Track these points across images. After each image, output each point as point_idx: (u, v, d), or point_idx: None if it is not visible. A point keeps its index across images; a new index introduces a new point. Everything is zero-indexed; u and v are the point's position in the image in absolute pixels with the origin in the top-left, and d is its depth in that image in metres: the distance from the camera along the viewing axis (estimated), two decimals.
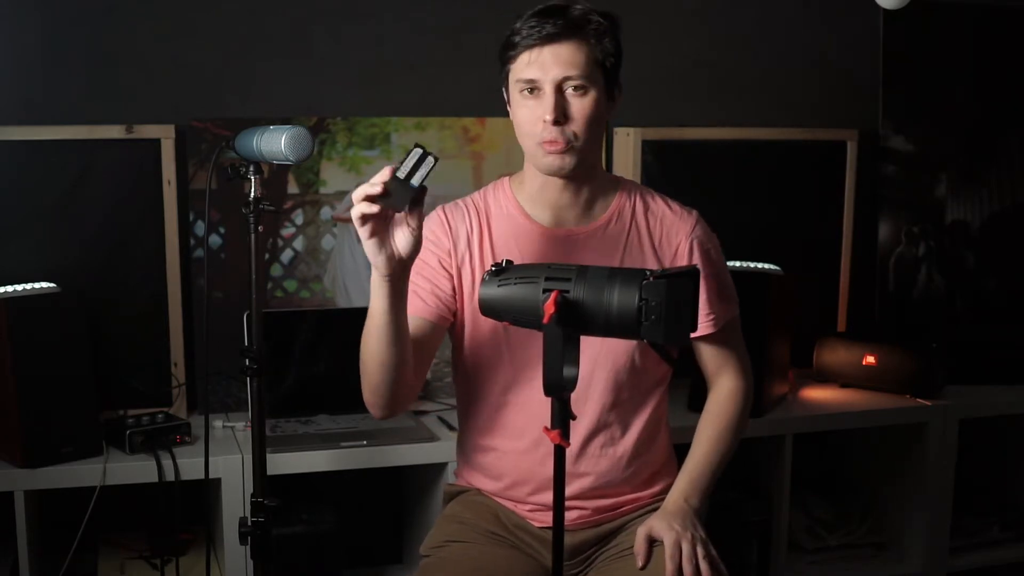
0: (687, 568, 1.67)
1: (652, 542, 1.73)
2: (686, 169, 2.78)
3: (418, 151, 1.52)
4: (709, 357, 1.91)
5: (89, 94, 2.43)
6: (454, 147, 2.63)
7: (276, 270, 2.56)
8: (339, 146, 2.56)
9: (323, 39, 2.59)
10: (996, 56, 3.00)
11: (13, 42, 2.36)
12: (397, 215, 1.55)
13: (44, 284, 2.17)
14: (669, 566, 1.67)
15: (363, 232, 1.53)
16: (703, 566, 1.68)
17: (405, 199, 1.53)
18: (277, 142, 1.66)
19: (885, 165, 2.97)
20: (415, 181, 1.52)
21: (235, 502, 2.17)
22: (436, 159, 1.53)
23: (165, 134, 2.38)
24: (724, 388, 1.91)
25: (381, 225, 1.54)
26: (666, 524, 1.72)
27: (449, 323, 1.84)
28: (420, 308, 1.78)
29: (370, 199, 1.50)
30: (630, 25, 2.58)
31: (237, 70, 2.53)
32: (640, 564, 1.71)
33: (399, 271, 1.58)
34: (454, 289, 1.82)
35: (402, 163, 1.52)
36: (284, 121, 1.87)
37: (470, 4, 2.64)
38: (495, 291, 1.51)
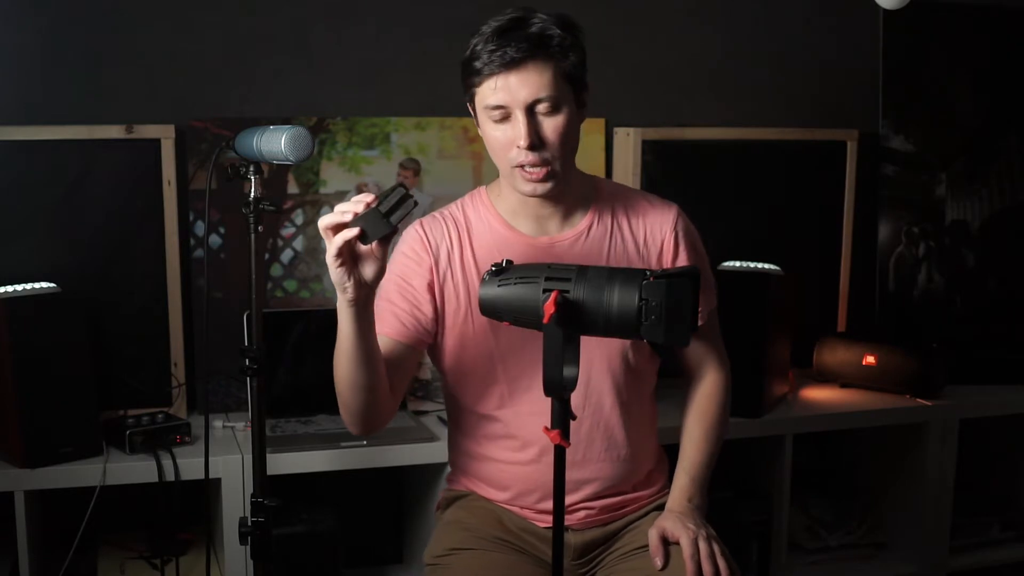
0: (707, 566, 1.68)
1: (666, 542, 1.73)
2: (686, 169, 2.78)
3: (401, 190, 1.50)
4: (693, 349, 1.91)
5: (89, 94, 2.43)
6: (454, 147, 2.63)
7: (276, 270, 2.56)
8: (339, 146, 2.56)
9: (323, 39, 2.59)
10: (996, 56, 3.00)
11: (13, 42, 2.36)
12: (364, 247, 1.53)
13: (44, 284, 2.17)
14: (690, 565, 1.67)
15: (335, 261, 1.52)
16: (721, 563, 1.69)
17: (378, 234, 1.51)
18: (277, 142, 1.66)
19: (885, 165, 2.97)
20: (394, 220, 1.50)
21: (235, 502, 2.17)
22: (416, 203, 1.52)
23: (165, 134, 2.38)
24: (708, 381, 1.91)
25: (350, 254, 1.53)
26: (680, 524, 1.73)
27: (427, 345, 1.83)
28: (398, 331, 1.77)
29: (345, 227, 1.50)
30: (630, 25, 2.58)
31: (237, 70, 2.53)
32: (660, 565, 1.71)
33: (364, 297, 1.58)
34: (435, 311, 1.80)
35: (385, 198, 1.50)
36: (284, 121, 1.87)
37: (470, 4, 2.63)
38: (495, 291, 1.51)
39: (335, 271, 1.54)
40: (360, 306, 1.59)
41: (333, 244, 1.51)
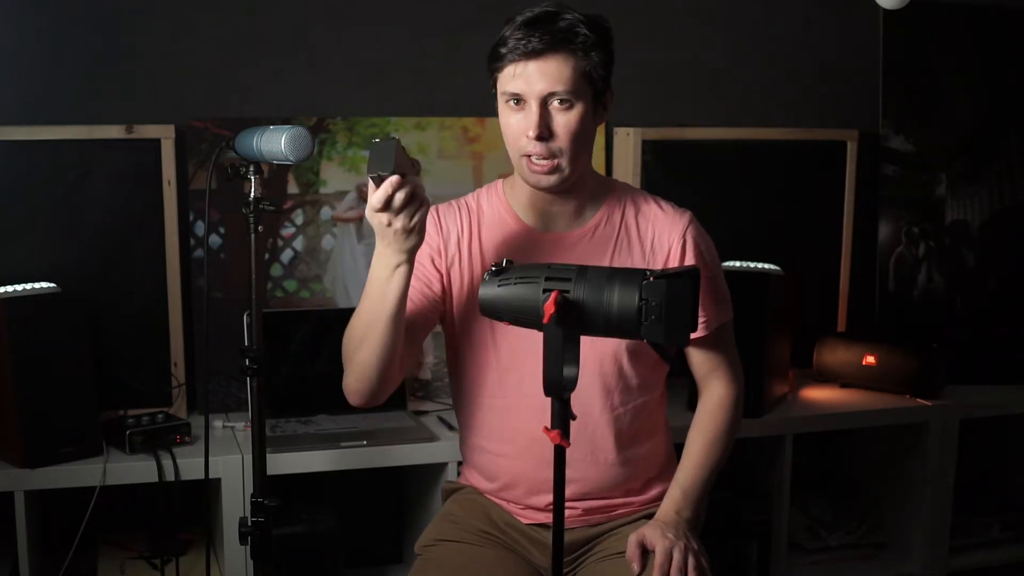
0: None
1: (645, 550, 1.72)
2: (686, 169, 2.78)
3: (377, 141, 1.54)
4: (700, 361, 1.90)
5: (89, 94, 2.43)
6: (454, 147, 2.63)
7: (276, 270, 2.56)
8: (339, 146, 2.56)
9: (323, 39, 2.59)
10: (996, 56, 3.00)
11: (13, 42, 2.36)
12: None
13: (44, 284, 2.17)
14: (656, 574, 1.66)
15: (415, 224, 1.57)
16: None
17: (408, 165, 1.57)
18: (277, 142, 1.66)
19: (885, 165, 2.97)
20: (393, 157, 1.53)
21: (235, 502, 2.17)
22: (385, 137, 1.56)
23: (165, 134, 2.38)
24: (714, 395, 1.90)
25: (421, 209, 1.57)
26: (660, 532, 1.72)
27: (435, 324, 1.85)
28: (408, 308, 1.77)
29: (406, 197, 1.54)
30: (630, 25, 2.58)
31: (237, 70, 2.53)
32: (637, 571, 1.70)
33: (416, 248, 1.62)
34: (443, 289, 1.83)
35: (382, 161, 1.52)
36: (284, 121, 1.87)
37: (470, 4, 2.64)
38: (495, 291, 1.51)
39: (414, 236, 1.58)
40: (414, 259, 1.63)
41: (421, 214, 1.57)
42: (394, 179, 1.52)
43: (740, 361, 1.94)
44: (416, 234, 1.59)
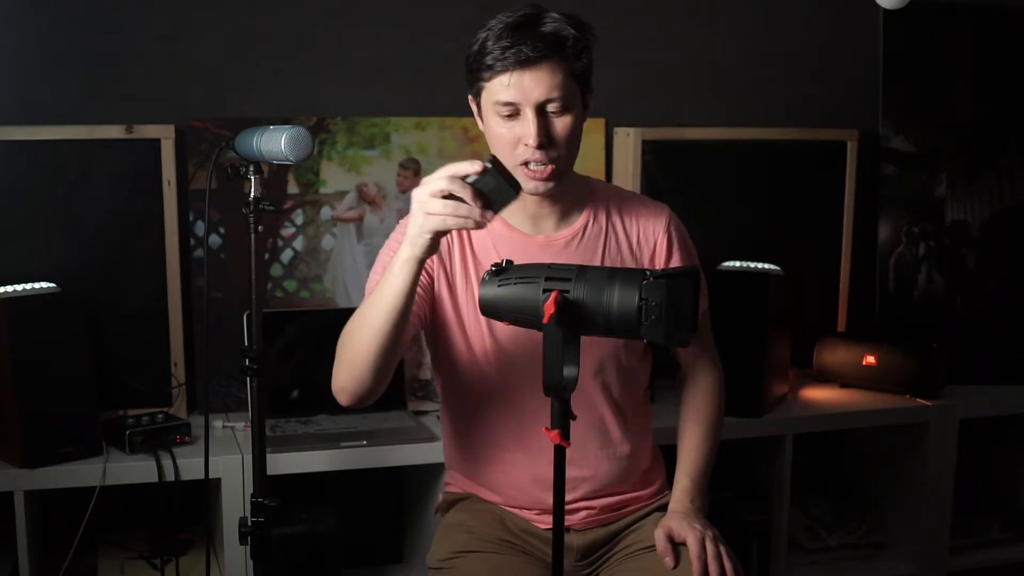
0: (713, 567, 1.68)
1: (673, 542, 1.74)
2: (686, 169, 2.78)
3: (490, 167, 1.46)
4: (687, 351, 1.92)
5: (89, 94, 2.43)
6: (454, 147, 2.63)
7: (276, 270, 2.56)
8: (339, 146, 2.56)
9: (323, 39, 2.59)
10: (996, 56, 3.00)
11: (13, 42, 2.36)
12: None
13: (44, 284, 2.17)
14: (696, 565, 1.68)
15: (448, 210, 1.44)
16: (728, 565, 1.70)
17: (506, 201, 1.47)
18: (277, 142, 1.66)
19: (885, 165, 2.97)
20: (515, 187, 1.44)
21: (235, 502, 2.17)
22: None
23: (165, 134, 2.38)
24: (701, 383, 1.93)
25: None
26: (686, 524, 1.74)
27: (419, 329, 1.80)
28: None
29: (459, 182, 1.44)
30: (630, 25, 2.58)
31: (237, 70, 2.53)
32: (672, 564, 1.71)
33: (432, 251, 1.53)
34: (433, 293, 1.79)
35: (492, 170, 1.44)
36: (284, 121, 1.87)
37: (470, 4, 2.63)
38: (495, 291, 1.50)
39: (431, 226, 1.46)
40: (424, 261, 1.53)
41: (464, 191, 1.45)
42: (475, 166, 1.44)
43: (715, 348, 1.98)
44: (425, 236, 1.47)
